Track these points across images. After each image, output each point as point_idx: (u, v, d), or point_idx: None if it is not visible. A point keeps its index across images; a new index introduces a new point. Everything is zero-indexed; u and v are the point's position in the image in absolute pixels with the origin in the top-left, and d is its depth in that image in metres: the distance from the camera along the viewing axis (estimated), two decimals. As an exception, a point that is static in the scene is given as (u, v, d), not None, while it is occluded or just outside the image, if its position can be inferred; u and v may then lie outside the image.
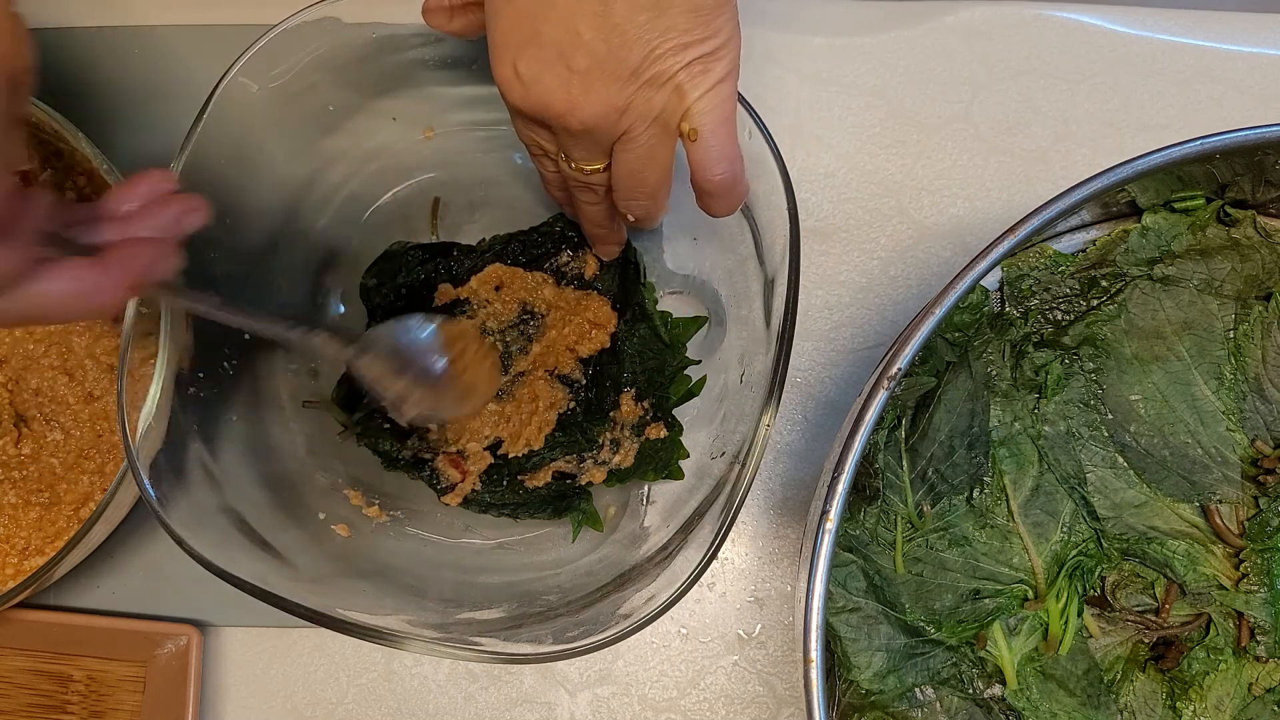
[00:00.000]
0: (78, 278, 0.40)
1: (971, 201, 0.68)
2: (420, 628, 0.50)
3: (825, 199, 0.69)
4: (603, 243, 0.61)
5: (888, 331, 0.67)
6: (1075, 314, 0.57)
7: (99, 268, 0.41)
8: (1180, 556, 0.55)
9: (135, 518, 0.64)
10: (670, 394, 0.62)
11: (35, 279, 0.39)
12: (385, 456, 0.62)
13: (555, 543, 0.62)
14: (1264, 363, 0.56)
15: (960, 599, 0.55)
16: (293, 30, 0.54)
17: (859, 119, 0.69)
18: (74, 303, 0.41)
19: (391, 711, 0.64)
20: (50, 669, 0.64)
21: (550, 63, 0.43)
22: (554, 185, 0.55)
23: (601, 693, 0.64)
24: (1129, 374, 0.56)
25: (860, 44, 0.70)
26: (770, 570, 0.65)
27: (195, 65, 0.70)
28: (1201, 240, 0.56)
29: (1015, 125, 0.69)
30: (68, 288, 0.40)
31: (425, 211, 0.66)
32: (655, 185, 0.50)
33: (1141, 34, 0.70)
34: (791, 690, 0.64)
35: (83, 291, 0.41)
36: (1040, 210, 0.49)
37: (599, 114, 0.44)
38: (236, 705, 0.64)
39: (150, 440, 0.50)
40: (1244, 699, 0.55)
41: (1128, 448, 0.56)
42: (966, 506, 0.55)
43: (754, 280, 0.58)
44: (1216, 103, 0.69)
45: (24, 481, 0.62)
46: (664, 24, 0.43)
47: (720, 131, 0.46)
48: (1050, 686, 0.55)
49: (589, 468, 0.61)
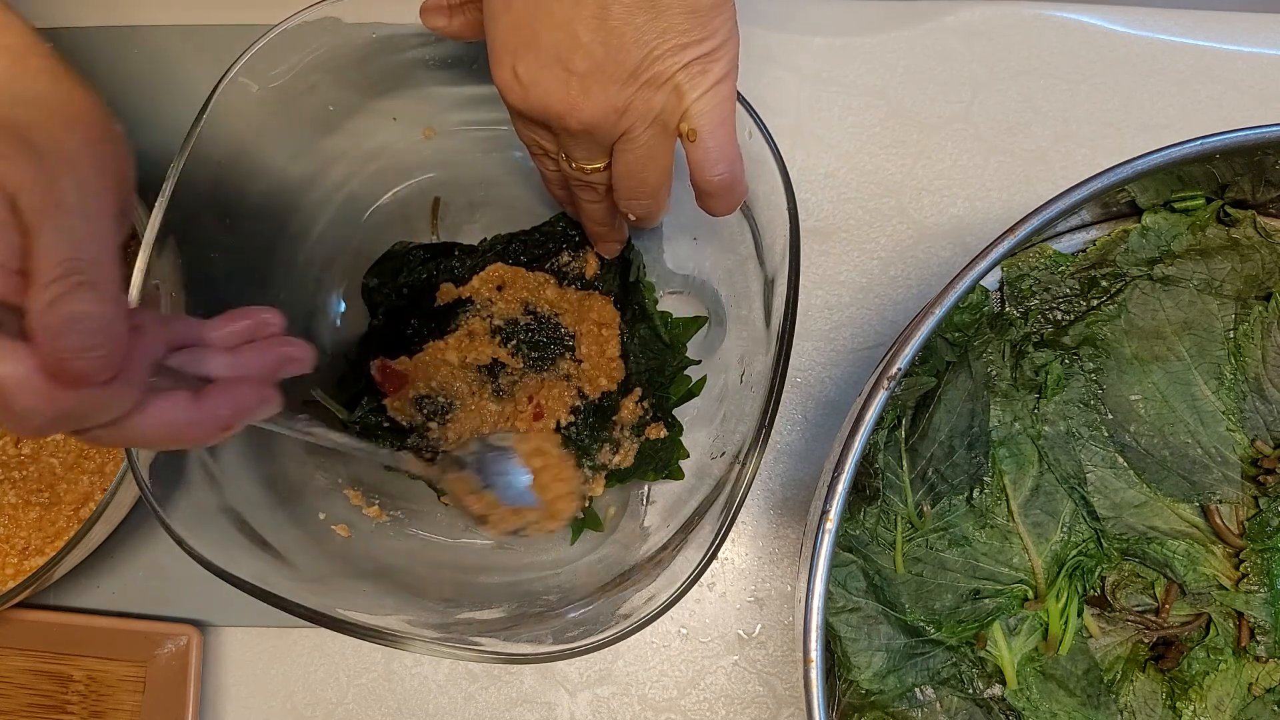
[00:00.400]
0: (180, 411, 0.40)
1: (971, 201, 0.68)
2: (420, 628, 0.50)
3: (825, 199, 0.69)
4: (605, 241, 0.61)
5: (888, 331, 0.67)
6: (1075, 314, 0.57)
7: (201, 405, 0.41)
8: (1180, 556, 0.55)
9: (135, 518, 0.64)
10: (670, 394, 0.62)
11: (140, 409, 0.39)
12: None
13: (555, 543, 0.62)
14: (1264, 363, 0.56)
15: (960, 599, 0.55)
16: (293, 30, 0.54)
17: (859, 119, 0.69)
18: (171, 435, 0.40)
19: (391, 711, 0.64)
20: (50, 669, 0.64)
21: (549, 65, 0.43)
22: (555, 184, 0.55)
23: (601, 693, 0.64)
24: (1129, 374, 0.56)
25: (860, 44, 0.70)
26: (770, 570, 0.65)
27: (195, 65, 0.70)
28: (1201, 240, 0.56)
29: (1015, 125, 0.69)
30: (169, 420, 0.40)
31: (425, 211, 0.66)
32: (656, 185, 0.50)
33: (1141, 34, 0.70)
34: (791, 690, 0.64)
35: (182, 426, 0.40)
36: (1040, 210, 0.49)
37: (598, 115, 0.44)
38: (236, 705, 0.64)
39: (150, 440, 0.50)
40: (1244, 699, 0.55)
41: (1128, 448, 0.56)
42: (966, 506, 0.55)
43: (754, 280, 0.58)
44: (1216, 103, 0.69)
45: (24, 481, 0.62)
46: (661, 25, 0.43)
47: (719, 132, 0.46)
48: (1050, 686, 0.55)
49: (587, 475, 0.62)
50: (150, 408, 0.39)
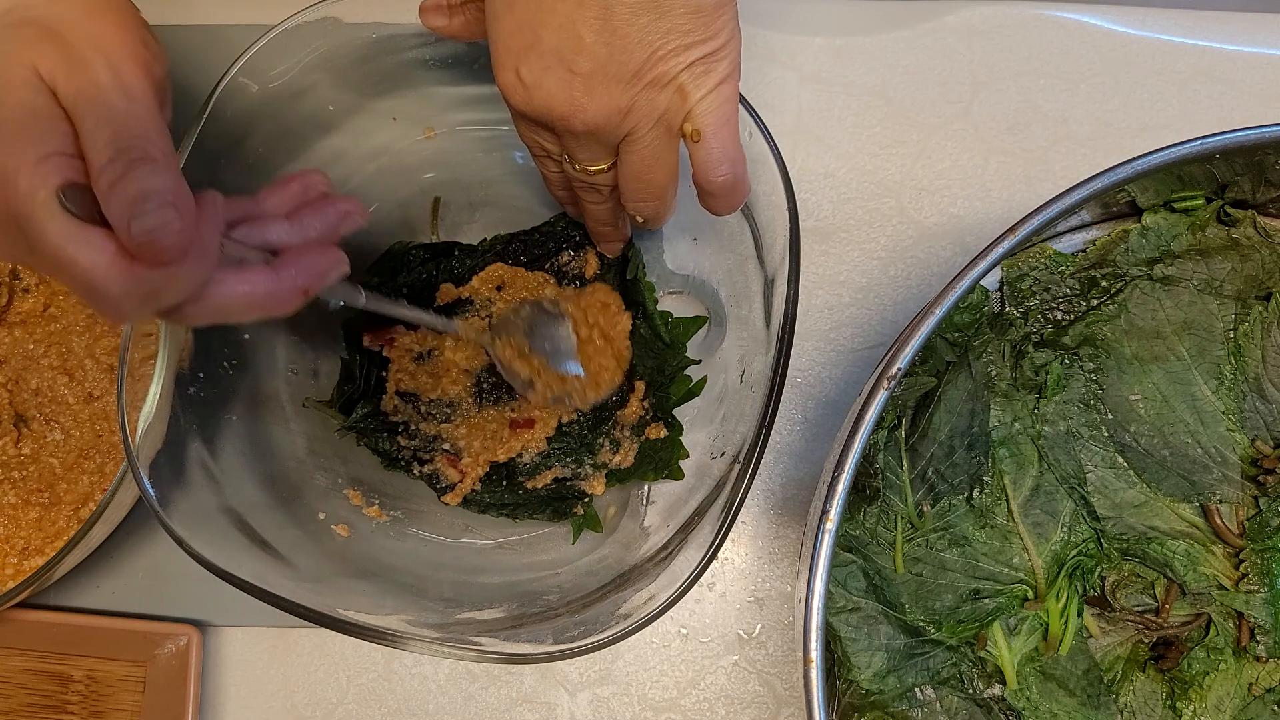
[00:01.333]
0: (259, 283, 0.42)
1: (971, 201, 0.68)
2: (420, 628, 0.50)
3: (825, 199, 0.69)
4: (607, 240, 0.61)
5: (888, 331, 0.67)
6: (1075, 314, 0.57)
7: (274, 277, 0.42)
8: (1180, 556, 0.55)
9: (135, 518, 0.64)
10: (670, 394, 0.62)
11: (219, 283, 0.40)
12: (385, 456, 0.62)
13: (555, 543, 0.62)
14: (1264, 363, 0.56)
15: (960, 599, 0.55)
16: (293, 30, 0.54)
17: (859, 119, 0.69)
18: (254, 306, 0.42)
19: (391, 711, 0.64)
20: (50, 669, 0.64)
21: (552, 67, 0.43)
22: (557, 185, 0.55)
23: (601, 693, 0.64)
24: (1129, 374, 0.56)
25: (860, 44, 0.70)
26: (770, 570, 0.65)
27: (195, 65, 0.69)
28: (1201, 240, 0.56)
29: (1015, 125, 0.69)
30: (249, 292, 0.41)
31: (425, 211, 0.66)
32: (662, 185, 0.50)
33: (1141, 34, 0.70)
34: (791, 690, 0.64)
35: (263, 296, 0.42)
36: (1040, 210, 0.49)
37: (602, 116, 0.44)
38: (236, 705, 0.64)
39: (150, 440, 0.50)
40: (1244, 699, 0.55)
41: (1128, 448, 0.56)
42: (966, 506, 0.55)
43: (754, 280, 0.58)
44: (1216, 103, 0.69)
45: (24, 481, 0.62)
46: (665, 26, 0.43)
47: (722, 132, 0.46)
48: (1050, 686, 0.55)
49: (588, 472, 0.62)
50: (228, 280, 0.40)
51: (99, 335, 0.64)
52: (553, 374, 0.56)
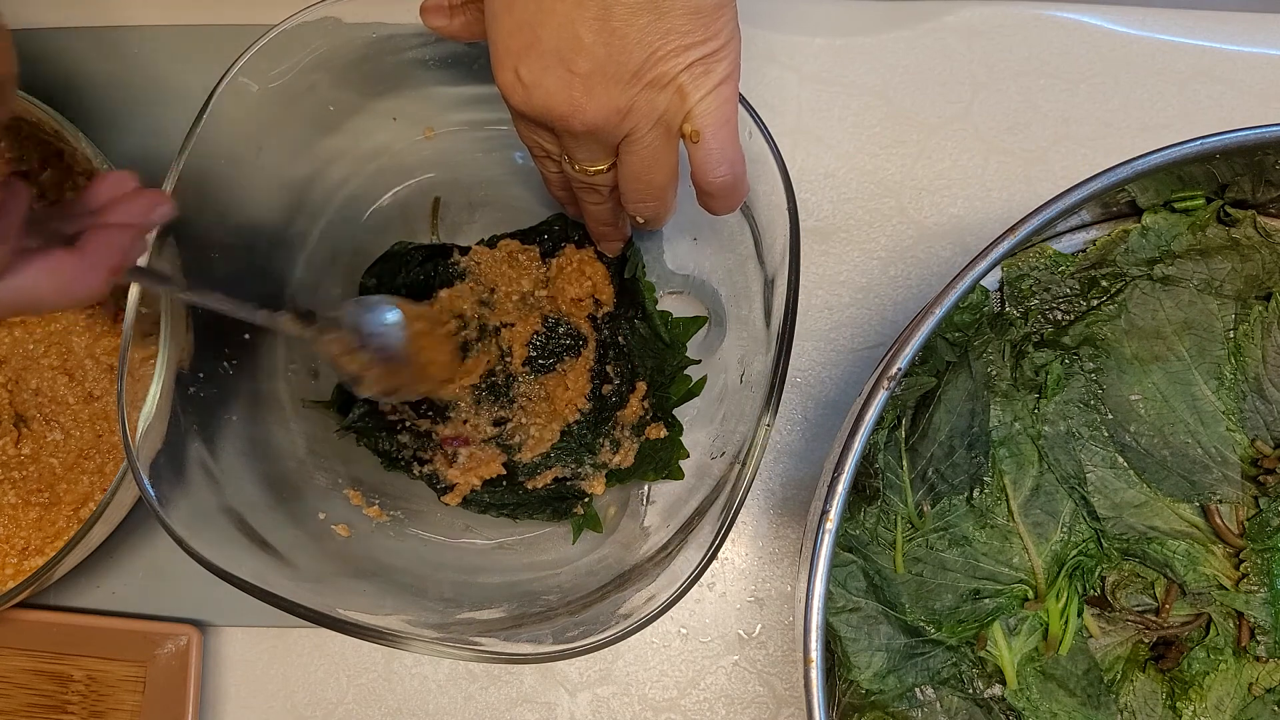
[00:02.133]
0: (59, 267, 0.42)
1: (971, 201, 0.68)
2: (420, 628, 0.50)
3: (825, 199, 0.69)
4: (608, 239, 0.61)
5: (888, 331, 0.67)
6: (1075, 314, 0.57)
7: (77, 255, 0.43)
8: (1180, 556, 0.55)
9: (135, 518, 0.64)
10: (670, 394, 0.62)
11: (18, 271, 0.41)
12: (385, 456, 0.62)
13: (555, 543, 0.62)
14: (1264, 363, 0.56)
15: (960, 599, 0.55)
16: (293, 30, 0.54)
17: (859, 119, 0.69)
18: (58, 291, 0.43)
19: (391, 711, 0.64)
20: (50, 669, 0.64)
21: (552, 67, 0.43)
22: (556, 186, 0.55)
23: (601, 693, 0.64)
24: (1129, 374, 0.56)
25: (860, 44, 0.70)
26: (770, 570, 0.65)
27: (195, 65, 0.69)
28: (1201, 240, 0.56)
29: (1015, 125, 0.69)
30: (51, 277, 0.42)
31: (425, 212, 0.66)
32: (662, 186, 0.50)
33: (1141, 34, 0.70)
34: (791, 690, 0.64)
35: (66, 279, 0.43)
36: (1040, 210, 0.49)
37: (602, 116, 0.44)
38: (236, 705, 0.64)
39: (150, 440, 0.50)
40: (1244, 699, 0.55)
41: (1128, 448, 0.56)
42: (966, 506, 0.55)
43: (754, 280, 0.58)
44: (1216, 103, 0.69)
45: (24, 481, 0.62)
46: (664, 26, 0.42)
47: (722, 133, 0.46)
48: (1050, 686, 0.55)
49: (588, 472, 0.62)
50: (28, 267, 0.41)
51: (99, 335, 0.64)
52: (381, 368, 0.56)
